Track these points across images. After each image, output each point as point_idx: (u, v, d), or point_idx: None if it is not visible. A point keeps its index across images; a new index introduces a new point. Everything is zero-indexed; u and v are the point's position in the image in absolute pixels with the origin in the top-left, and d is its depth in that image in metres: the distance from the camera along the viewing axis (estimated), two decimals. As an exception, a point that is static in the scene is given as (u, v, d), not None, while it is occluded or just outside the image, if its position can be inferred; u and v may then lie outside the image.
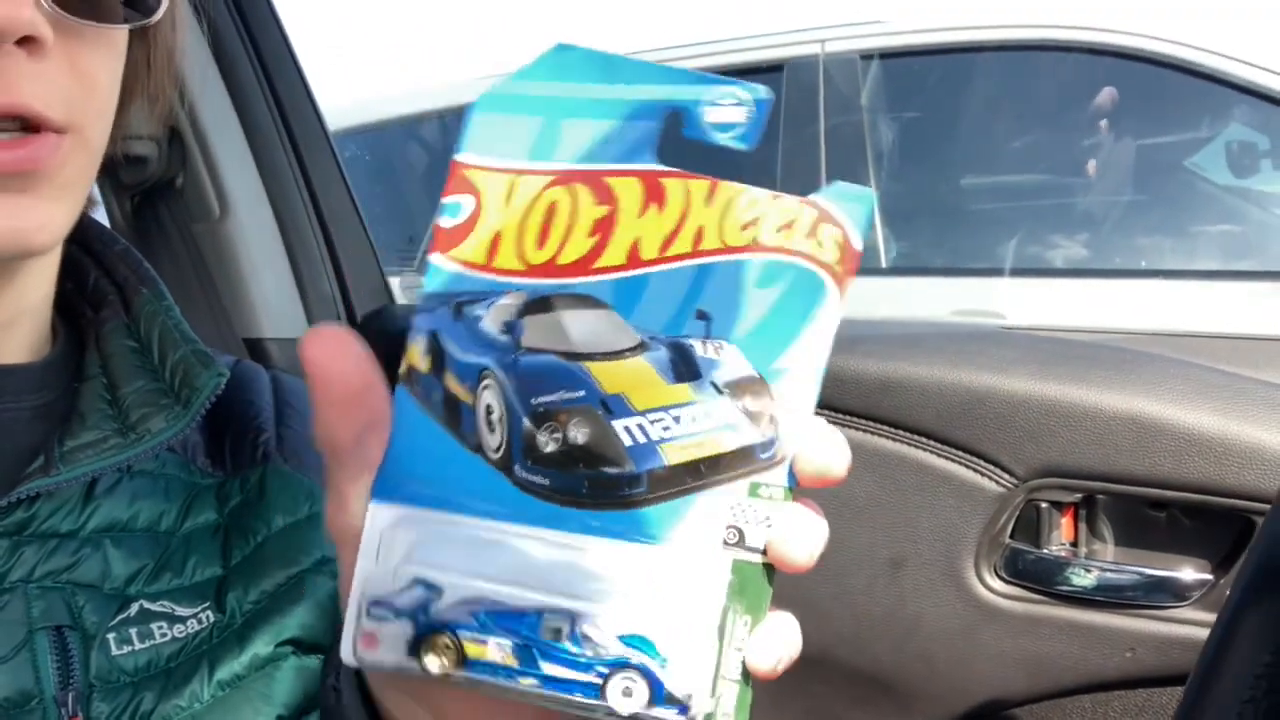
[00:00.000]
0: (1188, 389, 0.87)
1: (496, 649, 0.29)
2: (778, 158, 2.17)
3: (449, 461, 0.29)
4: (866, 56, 2.10)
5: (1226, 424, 0.84)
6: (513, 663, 0.29)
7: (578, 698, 0.29)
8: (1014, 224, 2.10)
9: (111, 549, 0.48)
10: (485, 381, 0.30)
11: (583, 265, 0.29)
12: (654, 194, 0.29)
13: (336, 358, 0.30)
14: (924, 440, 0.95)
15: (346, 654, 0.30)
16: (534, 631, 0.29)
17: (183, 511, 0.51)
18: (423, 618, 0.29)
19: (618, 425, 0.29)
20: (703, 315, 0.30)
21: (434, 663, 0.29)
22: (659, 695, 0.29)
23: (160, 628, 0.48)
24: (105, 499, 0.48)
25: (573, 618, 0.29)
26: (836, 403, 0.99)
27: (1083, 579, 0.90)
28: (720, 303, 0.30)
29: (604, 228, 0.29)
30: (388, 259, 1.29)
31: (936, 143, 2.18)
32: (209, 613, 0.49)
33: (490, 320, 0.29)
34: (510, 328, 0.29)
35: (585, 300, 0.29)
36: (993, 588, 0.94)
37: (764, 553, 0.30)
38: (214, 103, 1.07)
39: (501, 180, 0.29)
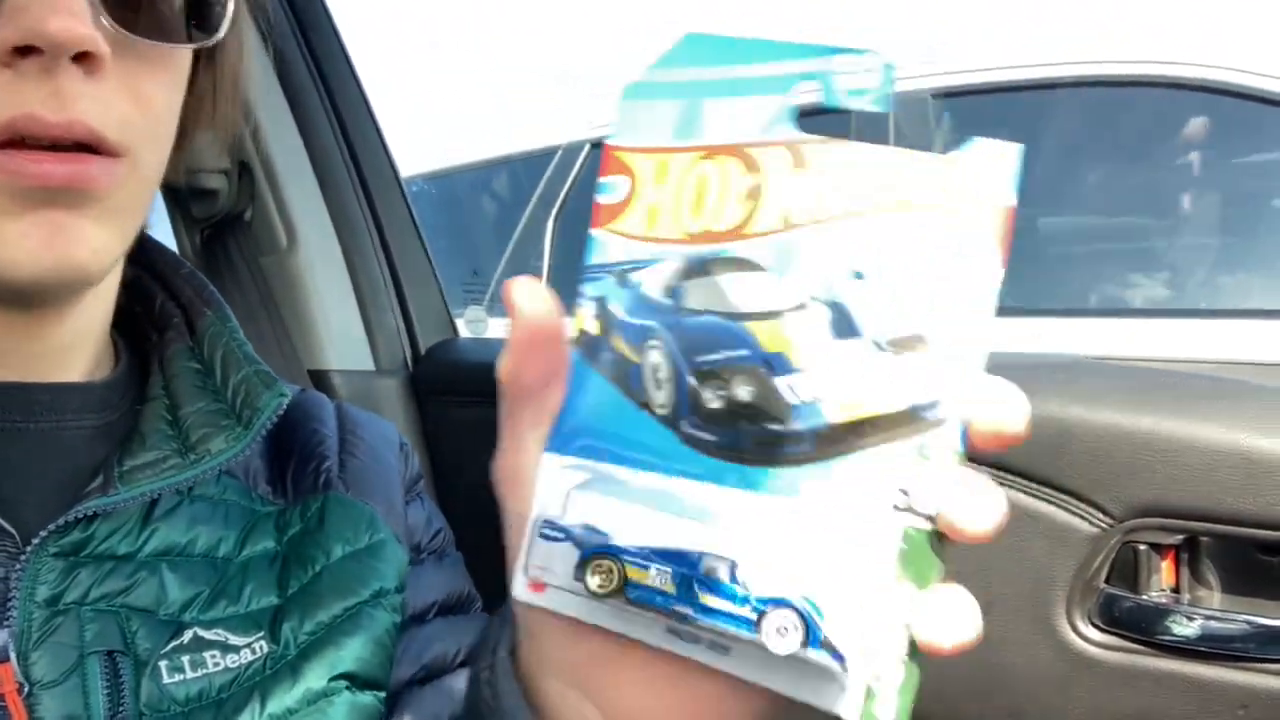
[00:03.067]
0: (1300, 422, 0.81)
1: (657, 575, 0.30)
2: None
3: (619, 417, 0.32)
4: (939, 95, 2.08)
5: (1344, 460, 0.78)
6: (670, 589, 0.30)
7: (732, 630, 0.30)
8: (1096, 264, 2.04)
9: (168, 573, 0.47)
10: (652, 341, 0.31)
11: (738, 231, 0.31)
12: (800, 160, 0.30)
13: (537, 301, 0.32)
14: (1009, 477, 0.90)
15: (518, 589, 0.32)
16: (694, 569, 0.30)
17: (241, 538, 0.51)
18: (589, 542, 0.31)
19: (780, 383, 0.30)
20: (859, 274, 0.30)
21: (595, 582, 0.31)
22: (814, 638, 0.29)
23: (214, 656, 0.47)
24: (163, 522, 0.48)
25: (732, 565, 0.30)
26: (914, 437, 0.94)
27: (1186, 628, 0.84)
28: (876, 262, 0.30)
29: (755, 195, 0.31)
30: (452, 293, 1.30)
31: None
32: (263, 643, 0.48)
33: (653, 285, 0.32)
34: (673, 292, 0.31)
35: (743, 263, 0.31)
36: (1087, 636, 0.88)
37: (933, 520, 0.29)
38: (282, 135, 1.09)
39: (652, 159, 0.31)
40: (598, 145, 2.43)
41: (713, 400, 0.30)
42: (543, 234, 2.43)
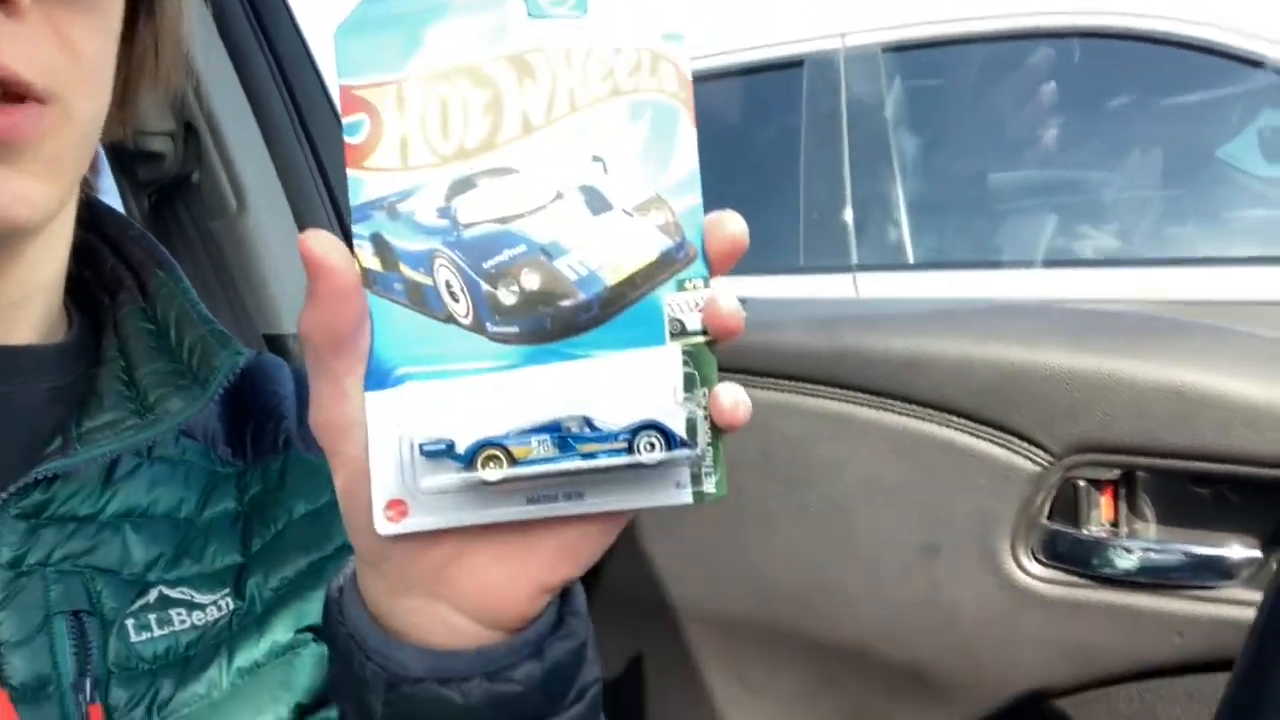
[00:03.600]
0: (1231, 356, 0.83)
1: (538, 445, 0.34)
2: (800, 155, 2.15)
3: (427, 338, 0.34)
4: (889, 49, 2.08)
5: (1274, 392, 0.80)
6: (554, 451, 0.34)
7: (614, 461, 0.34)
8: (1042, 216, 2.07)
9: (131, 534, 0.47)
10: (438, 261, 0.34)
11: (488, 143, 0.34)
12: (524, 70, 0.34)
13: (335, 252, 0.32)
14: (954, 419, 0.92)
15: (380, 524, 0.34)
16: (558, 430, 0.34)
17: (203, 499, 0.51)
18: (468, 442, 0.33)
19: (560, 264, 0.34)
20: (596, 158, 0.35)
21: (491, 472, 0.33)
22: (674, 441, 0.34)
23: (179, 614, 0.47)
24: (124, 484, 0.48)
25: (584, 419, 0.34)
26: (862, 383, 0.96)
27: (1125, 560, 0.87)
28: (607, 144, 0.35)
29: (493, 108, 0.34)
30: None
31: (962, 135, 2.15)
32: (228, 600, 0.49)
33: (424, 211, 0.34)
34: (444, 212, 0.34)
35: (500, 172, 0.34)
36: (1031, 571, 0.91)
37: (703, 333, 0.35)
38: (226, 95, 1.07)
39: (389, 92, 0.33)
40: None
41: (508, 297, 0.34)
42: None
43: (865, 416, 0.97)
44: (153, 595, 0.47)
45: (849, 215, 2.11)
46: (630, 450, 0.34)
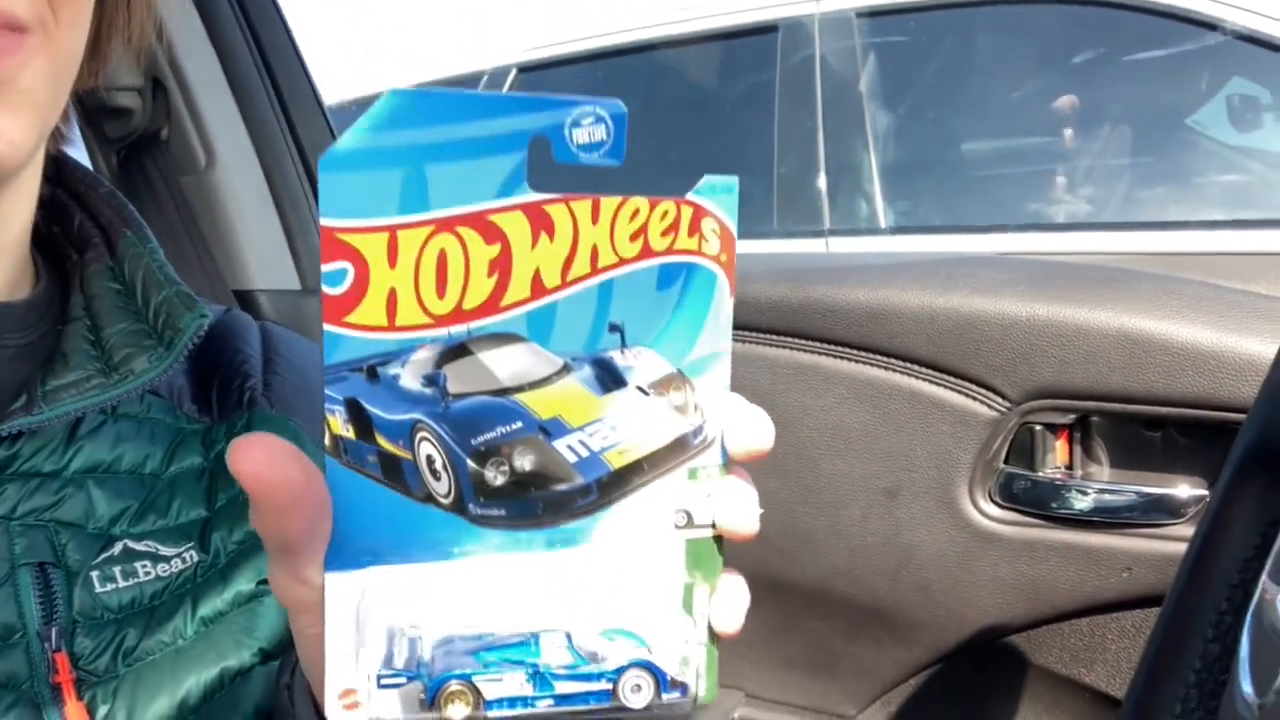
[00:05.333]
0: (1180, 304, 0.85)
1: (510, 680, 0.31)
2: (774, 122, 2.16)
3: (400, 517, 0.30)
4: (863, 14, 2.08)
5: (1220, 337, 0.83)
6: (529, 690, 0.31)
7: (594, 705, 0.31)
8: (1016, 181, 2.08)
9: (95, 489, 0.48)
10: (420, 434, 0.30)
11: (490, 306, 0.30)
12: (541, 223, 0.30)
13: (272, 464, 0.29)
14: (916, 368, 0.94)
15: (332, 712, 0.31)
16: (536, 654, 0.31)
17: (168, 455, 0.51)
18: (432, 672, 0.30)
19: (560, 445, 0.31)
20: (615, 328, 0.31)
21: (457, 712, 0.30)
22: (664, 684, 0.32)
23: (144, 566, 0.48)
24: (88, 440, 0.48)
25: (566, 631, 0.31)
26: (827, 334, 0.98)
27: (1079, 501, 0.90)
28: (628, 312, 0.31)
29: (501, 265, 0.29)
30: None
31: (936, 100, 2.17)
32: (193, 552, 0.49)
33: (409, 376, 0.30)
34: (432, 379, 0.30)
35: (501, 338, 0.30)
36: (988, 513, 0.93)
37: (712, 526, 0.32)
38: (196, 51, 1.07)
39: (379, 239, 0.28)
40: (525, 70, 2.40)
41: (497, 478, 0.30)
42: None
43: (830, 367, 0.99)
44: (117, 548, 0.47)
45: (822, 180, 2.13)
46: (614, 694, 0.31)
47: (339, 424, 0.30)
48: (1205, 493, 0.86)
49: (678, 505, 0.32)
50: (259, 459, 0.28)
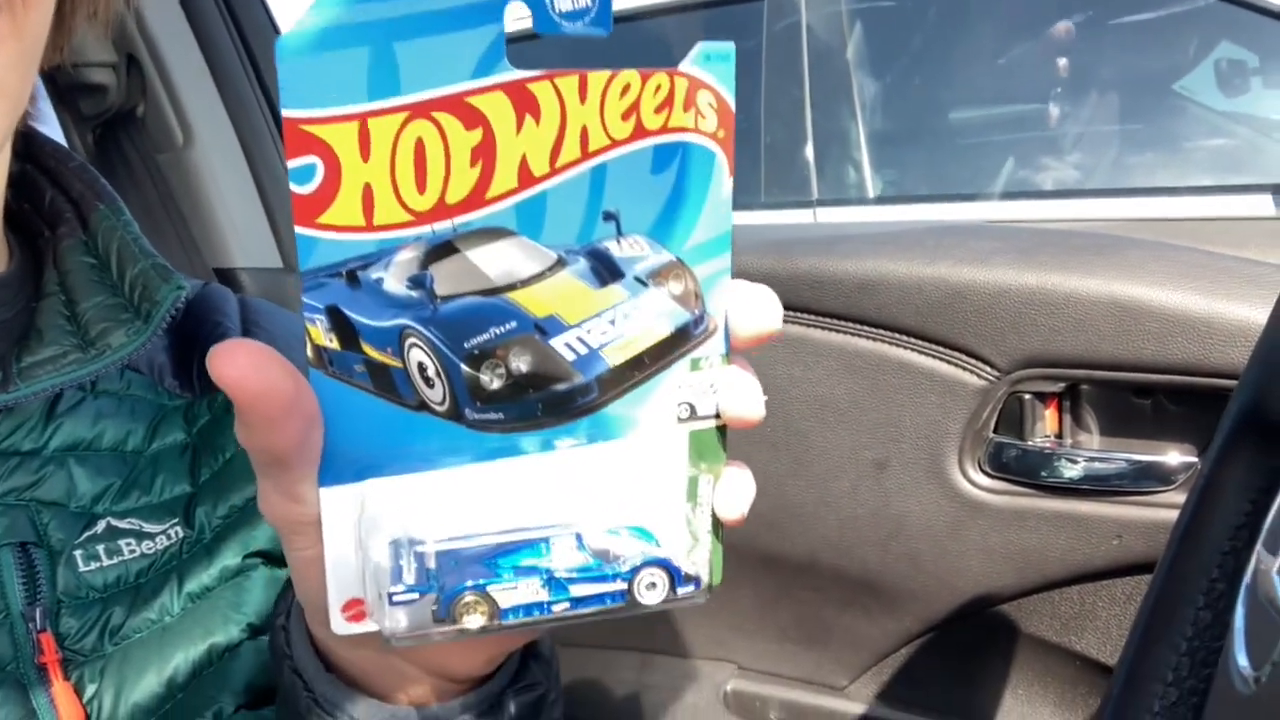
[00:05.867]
0: (1170, 270, 0.85)
1: (526, 589, 0.29)
2: (760, 92, 2.14)
3: (394, 427, 0.29)
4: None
5: (1210, 303, 0.82)
6: (545, 596, 0.30)
7: (610, 606, 0.30)
8: (1005, 149, 2.08)
9: (76, 467, 0.47)
10: (409, 340, 0.28)
11: (475, 199, 0.27)
12: (525, 104, 0.27)
13: (258, 370, 0.27)
14: (905, 338, 0.94)
15: (338, 626, 0.30)
16: (548, 558, 0.30)
17: (150, 432, 0.51)
18: (445, 585, 0.29)
19: (557, 343, 0.29)
20: (609, 215, 0.29)
21: (473, 621, 0.29)
22: (678, 579, 0.31)
23: (129, 544, 0.47)
24: (67, 418, 0.48)
25: (576, 533, 0.30)
26: (815, 305, 0.97)
27: (1068, 469, 0.89)
28: (623, 198, 0.29)
29: (484, 153, 0.27)
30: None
31: (924, 68, 2.15)
32: (178, 529, 0.49)
33: (393, 279, 0.28)
34: (418, 281, 0.28)
35: (489, 233, 0.28)
36: (977, 483, 0.93)
37: (716, 417, 0.31)
38: (171, 25, 1.05)
39: (349, 129, 0.26)
40: (510, 41, 2.37)
41: (493, 381, 0.29)
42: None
43: (818, 339, 0.98)
44: (100, 526, 0.47)
45: (810, 150, 2.11)
46: (629, 593, 0.30)
47: (321, 334, 0.28)
48: (1195, 460, 0.86)
49: (680, 398, 0.31)
50: (243, 364, 0.26)
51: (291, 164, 0.26)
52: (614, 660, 1.21)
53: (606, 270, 0.29)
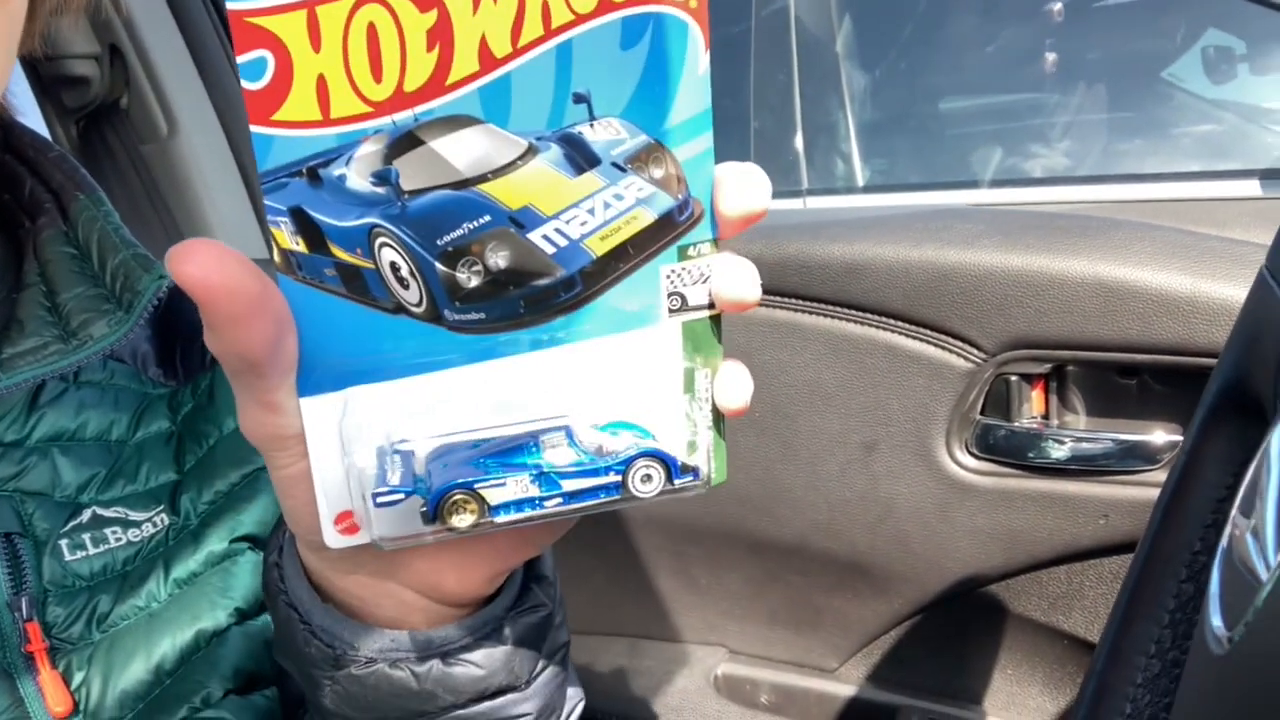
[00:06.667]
0: (1154, 250, 0.85)
1: (515, 485, 0.28)
2: (749, 79, 2.14)
3: (371, 331, 0.28)
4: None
5: (1195, 283, 0.83)
6: (536, 491, 0.29)
7: (604, 499, 0.29)
8: (994, 137, 2.08)
9: (60, 457, 0.47)
10: (379, 239, 0.27)
11: (435, 85, 0.26)
12: None
13: (220, 269, 0.25)
14: (892, 322, 0.94)
15: (330, 540, 0.29)
16: (537, 455, 0.29)
17: (134, 421, 0.51)
18: (432, 485, 0.28)
19: (535, 236, 0.28)
20: (580, 98, 0.27)
21: (463, 520, 0.28)
22: (675, 470, 0.29)
23: (114, 532, 0.47)
24: (50, 408, 0.48)
25: (566, 429, 0.29)
26: (803, 290, 0.97)
27: (1055, 450, 0.90)
28: (593, 78, 0.27)
29: (441, 35, 0.26)
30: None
31: (912, 56, 2.15)
32: (163, 516, 0.49)
33: (356, 175, 0.26)
34: (383, 176, 0.27)
35: (454, 121, 0.27)
36: (965, 464, 0.94)
37: (709, 306, 0.29)
38: (154, 16, 1.05)
39: (296, 18, 0.25)
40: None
41: (470, 279, 0.27)
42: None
43: (806, 323, 0.98)
44: (86, 515, 0.47)
45: (799, 139, 2.11)
46: (624, 485, 0.29)
47: (286, 237, 0.26)
48: (1180, 438, 0.87)
49: (670, 288, 0.29)
50: (204, 261, 0.25)
51: (240, 60, 0.25)
52: (605, 645, 1.21)
53: (581, 156, 0.28)
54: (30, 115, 0.74)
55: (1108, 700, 0.54)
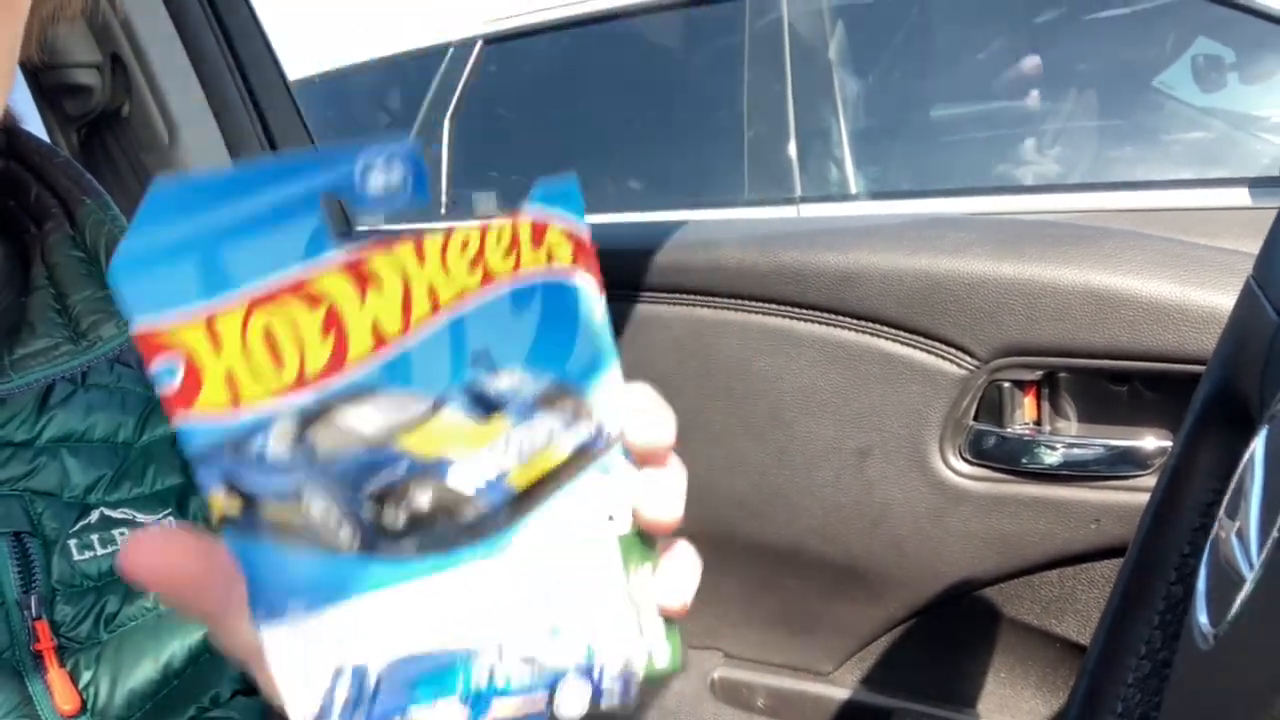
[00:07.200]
0: (1144, 259, 0.87)
1: (446, 710, 0.29)
2: (743, 88, 2.16)
3: (312, 570, 0.29)
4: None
5: (1184, 291, 0.84)
6: (466, 715, 0.30)
7: (533, 713, 0.30)
8: (985, 144, 2.09)
9: (69, 458, 0.48)
10: (307, 495, 0.29)
11: (335, 365, 0.28)
12: (364, 278, 0.28)
13: (165, 561, 0.28)
14: (886, 329, 0.95)
15: None
16: (468, 676, 0.30)
17: (140, 424, 0.51)
18: (371, 712, 0.29)
19: (454, 478, 0.29)
20: (479, 355, 0.29)
21: None
22: (599, 685, 0.31)
23: (122, 534, 0.48)
24: (60, 410, 0.48)
25: (499, 648, 0.30)
26: (797, 298, 0.98)
27: (1047, 456, 0.91)
28: (489, 339, 0.29)
29: (334, 324, 0.27)
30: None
31: (904, 64, 2.17)
32: (171, 519, 0.49)
33: (275, 448, 0.28)
34: (298, 444, 0.28)
35: (359, 393, 0.28)
36: (958, 470, 0.95)
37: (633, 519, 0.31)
38: (155, 25, 1.05)
39: (197, 329, 0.27)
40: (491, 41, 2.38)
41: (397, 518, 0.29)
42: (439, 134, 2.39)
43: (802, 330, 0.99)
44: (94, 516, 0.47)
45: (793, 146, 2.13)
46: (550, 704, 0.30)
47: (222, 502, 0.28)
48: (1170, 444, 0.88)
49: (595, 507, 0.31)
50: (147, 563, 0.28)
51: (152, 366, 0.27)
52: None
53: (488, 402, 0.29)
54: (32, 123, 0.74)
55: (1100, 700, 0.55)
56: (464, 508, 0.29)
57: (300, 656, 0.29)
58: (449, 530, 0.29)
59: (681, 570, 0.32)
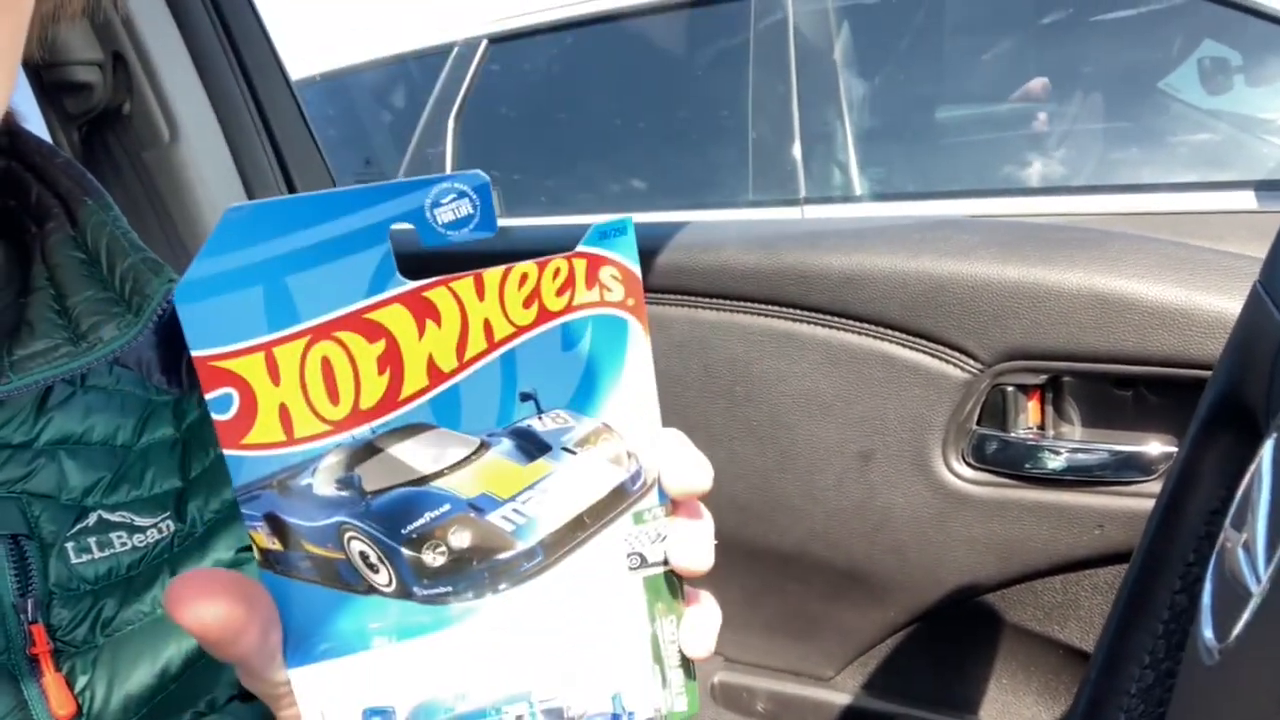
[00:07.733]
0: (1150, 263, 0.86)
1: None
2: (748, 90, 2.15)
3: (348, 609, 0.30)
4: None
5: (1189, 295, 0.83)
6: None
7: None
8: (990, 146, 2.09)
9: (67, 461, 0.47)
10: (348, 534, 0.29)
11: (388, 402, 0.29)
12: (423, 311, 0.28)
13: (208, 601, 0.28)
14: (889, 332, 0.95)
15: None
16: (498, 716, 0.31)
17: (139, 426, 0.51)
18: None
19: (493, 518, 0.30)
20: (527, 396, 0.30)
21: None
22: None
23: (120, 537, 0.47)
24: (58, 412, 0.48)
25: (527, 699, 0.31)
26: (801, 300, 0.98)
27: (1051, 461, 0.90)
28: (538, 377, 0.30)
29: (390, 360, 0.28)
30: (343, 181, 1.28)
31: (910, 66, 2.16)
32: (169, 522, 0.49)
33: (322, 483, 0.29)
34: (347, 481, 0.29)
35: (409, 429, 0.29)
36: (961, 474, 0.94)
37: (666, 562, 0.32)
38: (157, 23, 1.05)
39: (256, 360, 0.27)
40: (496, 40, 2.38)
41: (435, 559, 0.30)
42: (444, 134, 2.39)
43: (804, 333, 0.99)
44: (92, 519, 0.47)
45: (797, 148, 2.12)
46: None
47: (264, 538, 0.29)
48: (1175, 450, 0.87)
49: (628, 549, 0.32)
50: (192, 597, 0.28)
51: (208, 396, 0.27)
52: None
53: (532, 445, 0.30)
54: (32, 121, 0.74)
55: (1102, 709, 0.54)
56: (500, 546, 0.30)
57: (329, 699, 0.30)
58: (486, 571, 0.30)
59: (708, 620, 0.33)
